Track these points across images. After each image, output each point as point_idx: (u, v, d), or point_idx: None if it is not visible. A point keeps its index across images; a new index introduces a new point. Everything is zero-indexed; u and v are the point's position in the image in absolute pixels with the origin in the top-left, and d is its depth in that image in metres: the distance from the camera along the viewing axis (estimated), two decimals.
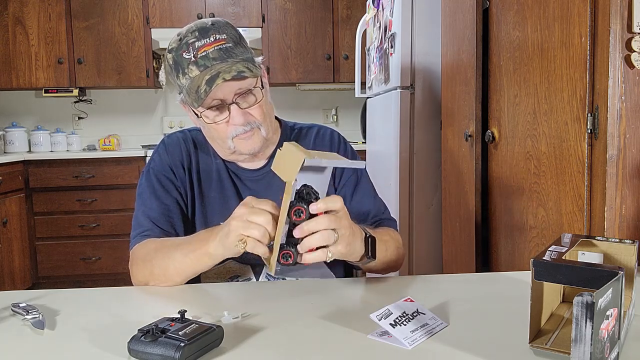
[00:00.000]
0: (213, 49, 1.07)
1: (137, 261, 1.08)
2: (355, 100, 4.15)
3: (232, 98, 1.09)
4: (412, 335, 0.75)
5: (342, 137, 1.30)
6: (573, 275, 0.67)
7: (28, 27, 3.77)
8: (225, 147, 1.15)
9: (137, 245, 1.11)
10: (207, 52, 1.07)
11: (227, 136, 1.12)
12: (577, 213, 1.44)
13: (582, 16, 1.39)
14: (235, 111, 1.09)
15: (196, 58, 1.07)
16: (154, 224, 1.13)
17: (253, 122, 1.11)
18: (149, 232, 1.12)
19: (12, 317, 0.87)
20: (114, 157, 3.63)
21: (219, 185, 1.20)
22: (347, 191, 1.24)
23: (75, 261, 3.63)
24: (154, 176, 1.19)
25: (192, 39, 1.08)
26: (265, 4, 3.97)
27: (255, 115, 1.11)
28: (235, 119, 1.09)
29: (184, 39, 1.09)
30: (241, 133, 1.11)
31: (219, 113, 1.10)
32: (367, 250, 0.98)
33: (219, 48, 1.08)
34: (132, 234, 1.15)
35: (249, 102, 1.11)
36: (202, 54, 1.07)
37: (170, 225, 1.15)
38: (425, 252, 2.62)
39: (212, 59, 1.07)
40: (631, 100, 1.31)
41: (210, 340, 0.72)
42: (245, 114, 1.10)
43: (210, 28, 1.09)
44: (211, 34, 1.08)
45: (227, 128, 1.11)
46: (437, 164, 2.57)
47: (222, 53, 1.08)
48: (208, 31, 1.09)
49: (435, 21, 2.48)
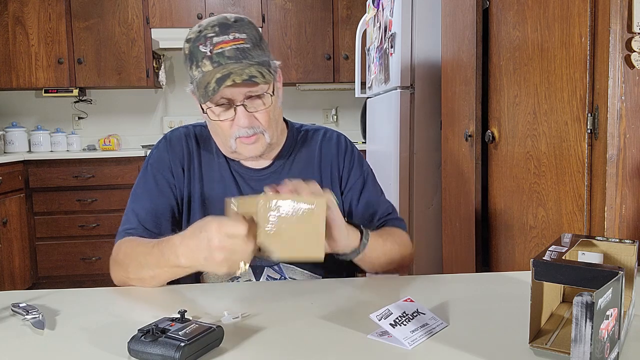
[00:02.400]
0: (230, 47, 1.05)
1: (116, 262, 1.08)
2: (355, 100, 4.15)
3: (241, 100, 1.08)
4: (412, 335, 0.75)
5: (348, 141, 1.29)
6: (573, 275, 0.67)
7: (28, 27, 3.77)
8: (227, 145, 1.14)
9: (119, 242, 1.11)
10: (224, 50, 1.05)
11: (230, 135, 1.11)
12: (577, 213, 1.44)
13: (582, 16, 1.39)
14: (241, 113, 1.08)
15: (211, 53, 1.05)
16: (140, 223, 1.13)
17: (258, 126, 1.10)
18: (133, 231, 1.12)
19: (12, 317, 0.87)
20: (114, 157, 3.63)
21: (222, 184, 1.19)
22: (353, 194, 1.23)
23: (75, 261, 3.63)
24: (150, 174, 1.19)
25: (211, 33, 1.06)
26: (265, 4, 3.97)
27: (260, 120, 1.10)
28: (240, 121, 1.08)
29: (203, 31, 1.07)
30: (244, 136, 1.10)
31: (225, 111, 1.09)
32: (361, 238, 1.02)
33: (236, 47, 1.06)
34: (119, 228, 1.15)
35: (257, 107, 1.09)
36: (218, 50, 1.05)
37: (157, 226, 1.14)
38: (425, 252, 2.62)
39: (227, 58, 1.05)
40: (631, 100, 1.31)
41: (210, 340, 0.72)
42: (250, 118, 1.09)
43: (232, 25, 1.07)
44: (231, 32, 1.06)
45: (231, 127, 1.10)
46: (437, 164, 2.57)
47: (238, 53, 1.06)
48: (229, 28, 1.07)
49: (435, 21, 2.48)
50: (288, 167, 1.22)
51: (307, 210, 0.90)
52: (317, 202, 0.90)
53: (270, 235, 0.89)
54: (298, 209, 0.90)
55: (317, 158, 1.24)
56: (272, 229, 0.89)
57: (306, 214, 0.89)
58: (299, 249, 0.92)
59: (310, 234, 0.90)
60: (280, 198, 0.90)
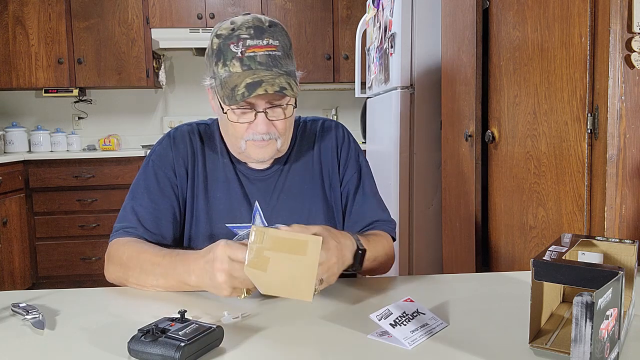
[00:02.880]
0: (263, 52, 1.05)
1: (114, 261, 1.06)
2: (355, 100, 4.15)
3: (263, 106, 1.08)
4: (412, 335, 0.75)
5: (346, 132, 1.28)
6: (573, 275, 0.67)
7: (28, 27, 3.77)
8: (236, 146, 1.14)
9: (117, 240, 1.09)
10: (256, 54, 1.04)
11: (243, 137, 1.11)
12: (577, 213, 1.43)
13: (582, 16, 1.39)
14: (261, 119, 1.08)
15: (242, 55, 1.04)
16: (139, 222, 1.12)
17: (273, 133, 1.10)
18: (132, 230, 1.11)
19: (12, 317, 0.87)
20: (114, 157, 3.63)
21: (226, 185, 1.18)
22: (350, 187, 1.24)
23: (75, 261, 3.63)
24: (152, 170, 1.17)
25: (245, 34, 1.05)
26: (266, 4, 3.97)
27: (277, 128, 1.10)
28: (259, 127, 1.08)
29: (236, 31, 1.06)
30: (258, 140, 1.10)
31: (243, 115, 1.09)
32: (355, 262, 0.99)
33: (268, 54, 1.05)
34: (115, 224, 1.13)
35: (277, 115, 1.10)
36: (250, 54, 1.04)
37: (157, 226, 1.13)
38: (425, 252, 2.62)
39: (258, 63, 1.04)
40: (631, 100, 1.31)
41: (210, 340, 0.72)
42: (269, 125, 1.09)
43: (267, 30, 1.06)
44: (266, 37, 1.05)
45: (246, 130, 1.10)
46: (437, 164, 2.57)
47: (269, 60, 1.05)
48: (264, 33, 1.06)
49: (435, 21, 2.48)
50: (289, 166, 1.22)
51: (302, 243, 0.84)
52: (311, 239, 0.84)
53: (260, 271, 0.85)
54: (293, 240, 0.85)
55: (316, 152, 1.24)
56: (262, 264, 0.84)
57: (300, 249, 0.84)
58: (287, 289, 0.86)
59: (301, 273, 0.84)
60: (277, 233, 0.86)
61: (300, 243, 0.84)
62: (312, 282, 0.84)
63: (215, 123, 1.25)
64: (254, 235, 0.85)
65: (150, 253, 1.02)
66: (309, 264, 0.84)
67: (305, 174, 1.22)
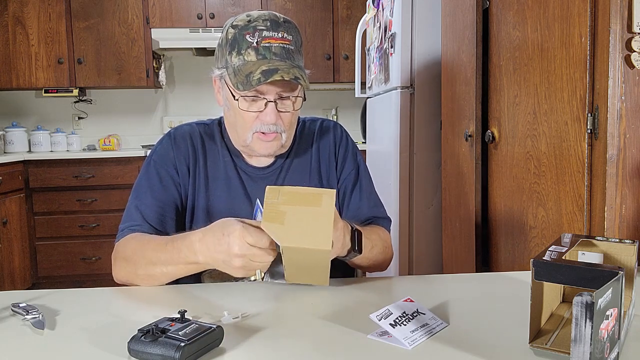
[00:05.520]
0: (278, 44, 1.07)
1: (121, 259, 1.07)
2: (355, 100, 4.15)
3: (273, 96, 1.09)
4: (412, 335, 0.75)
5: (344, 131, 1.31)
6: (573, 275, 0.67)
7: (28, 27, 3.78)
8: (242, 138, 1.15)
9: (123, 239, 1.10)
10: (271, 45, 1.07)
11: (250, 128, 1.12)
12: (577, 213, 1.44)
13: (582, 16, 1.39)
14: (270, 109, 1.10)
15: (258, 45, 1.07)
16: (144, 219, 1.12)
17: (280, 126, 1.12)
18: (138, 227, 1.11)
19: (12, 317, 0.87)
20: (114, 157, 3.63)
21: (226, 183, 1.19)
22: (347, 184, 1.25)
23: (75, 261, 3.63)
24: (154, 169, 1.18)
25: (261, 25, 1.08)
26: (266, 4, 3.97)
27: (284, 121, 1.12)
28: (267, 117, 1.10)
29: (253, 22, 1.08)
30: (265, 132, 1.11)
31: (253, 103, 1.10)
32: (354, 245, 1.01)
33: (283, 46, 1.08)
34: (121, 225, 1.14)
35: (286, 107, 1.12)
36: (266, 44, 1.07)
37: (161, 223, 1.14)
38: (425, 252, 2.62)
39: (273, 54, 1.07)
40: (631, 100, 1.31)
41: (210, 340, 0.72)
42: (277, 116, 1.10)
43: (282, 24, 1.10)
44: (281, 31, 1.08)
45: (254, 120, 1.11)
46: (437, 164, 2.57)
47: (284, 52, 1.08)
48: (279, 26, 1.09)
49: (435, 21, 2.48)
50: (289, 164, 1.23)
51: (316, 196, 0.88)
52: (325, 191, 0.89)
53: (277, 224, 0.88)
54: (307, 194, 0.89)
55: (315, 150, 1.25)
56: (278, 218, 0.88)
57: (315, 201, 0.88)
58: (306, 239, 0.88)
59: (319, 222, 0.87)
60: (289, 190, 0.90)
61: (315, 196, 0.88)
62: (329, 231, 0.87)
63: (215, 123, 1.25)
64: (268, 193, 0.89)
65: (154, 242, 1.04)
66: (325, 214, 0.87)
67: (304, 172, 1.23)
